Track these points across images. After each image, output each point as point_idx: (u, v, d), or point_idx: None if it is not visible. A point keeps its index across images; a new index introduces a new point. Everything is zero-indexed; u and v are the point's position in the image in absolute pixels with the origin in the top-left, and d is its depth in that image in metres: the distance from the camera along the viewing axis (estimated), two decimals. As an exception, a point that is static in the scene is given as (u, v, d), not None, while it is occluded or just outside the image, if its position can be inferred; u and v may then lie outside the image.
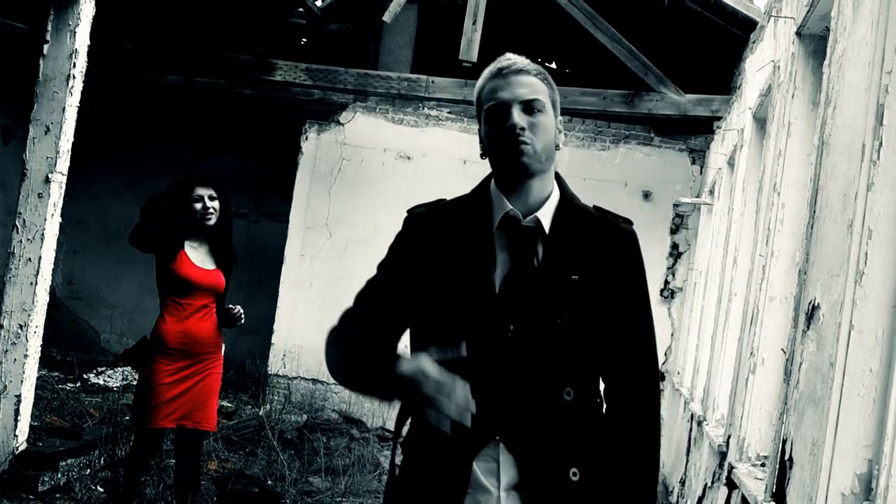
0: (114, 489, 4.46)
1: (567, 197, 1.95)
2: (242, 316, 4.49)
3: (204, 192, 4.35)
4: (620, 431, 1.90)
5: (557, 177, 1.98)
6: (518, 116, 1.85)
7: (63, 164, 5.04)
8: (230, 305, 4.48)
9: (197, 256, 4.36)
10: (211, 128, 9.98)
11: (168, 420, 4.25)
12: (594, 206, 2.00)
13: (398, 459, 1.95)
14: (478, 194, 1.97)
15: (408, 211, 2.06)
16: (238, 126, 9.87)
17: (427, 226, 1.99)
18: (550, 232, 1.89)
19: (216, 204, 4.38)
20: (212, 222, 4.35)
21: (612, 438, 1.89)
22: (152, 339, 4.34)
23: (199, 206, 4.32)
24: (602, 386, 1.95)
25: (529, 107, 1.87)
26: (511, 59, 1.96)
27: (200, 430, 4.35)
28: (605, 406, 1.94)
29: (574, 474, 1.83)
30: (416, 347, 1.90)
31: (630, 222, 1.99)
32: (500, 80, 1.91)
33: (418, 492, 1.87)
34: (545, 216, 1.89)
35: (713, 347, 5.51)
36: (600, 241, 1.91)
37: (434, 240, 1.94)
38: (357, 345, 1.92)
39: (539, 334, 1.83)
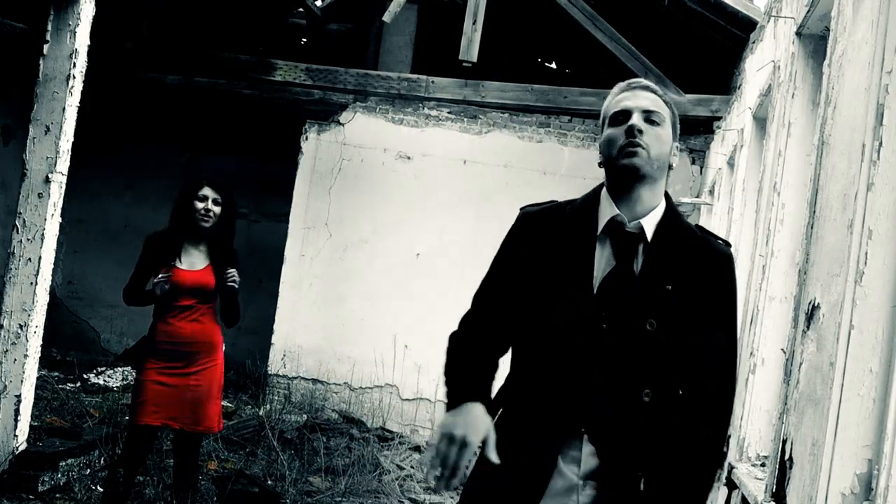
0: (109, 488, 4.45)
1: (672, 212, 2.06)
2: (237, 280, 4.36)
3: (210, 193, 4.35)
4: (685, 441, 1.96)
5: (667, 195, 2.09)
6: (638, 119, 1.98)
7: (63, 164, 5.04)
8: (227, 270, 4.39)
9: (188, 259, 4.35)
10: (211, 128, 9.98)
11: (154, 418, 4.25)
12: (696, 225, 2.11)
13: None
14: (588, 198, 2.09)
15: (521, 209, 2.17)
16: (238, 126, 9.87)
17: (536, 225, 2.10)
18: (652, 240, 1.99)
19: (217, 209, 4.36)
20: (207, 225, 4.34)
21: (677, 442, 1.96)
22: (147, 337, 4.39)
23: (200, 205, 4.32)
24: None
25: (650, 117, 2.00)
26: (641, 81, 2.10)
27: (191, 433, 4.34)
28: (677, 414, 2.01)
29: (640, 476, 1.92)
30: (519, 343, 2.06)
31: (729, 244, 2.10)
32: (627, 91, 2.05)
33: (503, 480, 1.97)
34: (649, 225, 2.00)
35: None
36: (697, 257, 2.02)
37: (541, 238, 2.07)
38: (452, 364, 2.10)
39: (629, 336, 1.94)
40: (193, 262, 4.36)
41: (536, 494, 1.93)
